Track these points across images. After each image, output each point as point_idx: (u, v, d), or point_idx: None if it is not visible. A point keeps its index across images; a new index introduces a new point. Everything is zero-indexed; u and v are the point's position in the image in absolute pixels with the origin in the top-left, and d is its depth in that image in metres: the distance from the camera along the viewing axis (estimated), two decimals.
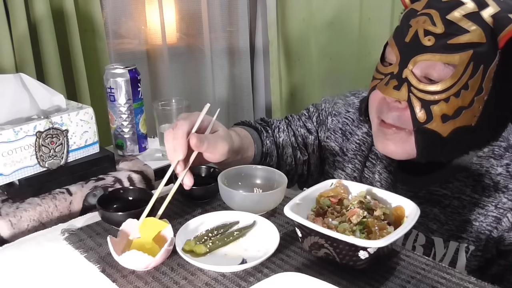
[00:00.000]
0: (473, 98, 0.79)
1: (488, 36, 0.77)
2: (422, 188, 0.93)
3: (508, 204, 0.84)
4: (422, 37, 0.79)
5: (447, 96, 0.79)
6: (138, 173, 1.04)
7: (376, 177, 1.01)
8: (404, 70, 0.81)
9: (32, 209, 0.90)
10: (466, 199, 0.88)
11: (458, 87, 0.78)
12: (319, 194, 0.80)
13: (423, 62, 0.80)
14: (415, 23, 0.81)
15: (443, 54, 0.78)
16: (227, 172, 0.93)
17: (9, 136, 0.88)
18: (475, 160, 0.88)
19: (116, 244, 0.74)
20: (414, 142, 0.84)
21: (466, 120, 0.80)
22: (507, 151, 0.87)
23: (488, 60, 0.78)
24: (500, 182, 0.86)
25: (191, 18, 1.94)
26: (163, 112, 1.13)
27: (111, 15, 1.75)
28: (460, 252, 0.89)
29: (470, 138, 0.83)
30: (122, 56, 1.81)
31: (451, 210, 0.90)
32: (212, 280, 0.70)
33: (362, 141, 1.05)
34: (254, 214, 0.83)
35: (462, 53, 0.77)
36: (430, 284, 0.69)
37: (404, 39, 0.82)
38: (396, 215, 0.75)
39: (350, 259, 0.69)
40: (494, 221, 0.85)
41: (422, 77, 0.81)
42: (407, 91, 0.81)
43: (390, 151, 0.88)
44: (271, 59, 2.08)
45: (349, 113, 1.08)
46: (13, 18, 1.40)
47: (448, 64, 0.78)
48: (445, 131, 0.81)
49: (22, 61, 1.43)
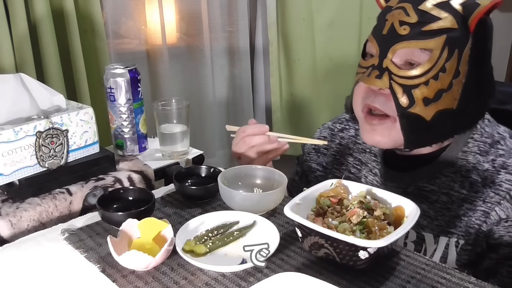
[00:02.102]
0: (451, 81, 0.83)
1: (459, 22, 0.83)
2: (410, 184, 0.95)
3: (495, 198, 0.87)
4: (398, 28, 0.85)
5: (426, 79, 0.83)
6: (138, 173, 1.04)
7: (363, 181, 1.04)
8: (384, 60, 0.86)
9: (32, 209, 0.90)
10: (455, 194, 0.91)
11: (436, 70, 0.83)
12: (319, 194, 0.80)
13: (401, 50, 0.85)
14: (391, 16, 0.87)
15: (418, 40, 0.83)
16: (227, 172, 0.93)
17: (9, 136, 0.88)
18: (461, 155, 0.91)
19: (116, 244, 0.74)
20: (400, 129, 0.87)
21: (447, 103, 0.84)
22: (492, 147, 0.90)
23: (461, 44, 0.83)
24: (487, 177, 0.88)
25: (191, 18, 1.94)
26: (163, 112, 1.13)
27: (111, 15, 1.75)
28: (450, 247, 0.90)
29: (453, 122, 0.87)
30: (122, 56, 1.81)
31: (440, 206, 0.92)
32: (212, 280, 0.70)
33: (339, 152, 1.11)
34: (254, 214, 0.83)
35: (436, 38, 0.82)
36: (430, 284, 0.69)
37: (381, 32, 0.88)
38: (396, 215, 0.75)
39: (350, 259, 0.69)
40: (482, 215, 0.87)
41: (401, 65, 0.86)
42: (388, 79, 0.85)
43: (377, 140, 0.91)
44: (271, 59, 2.08)
45: (321, 134, 1.15)
46: (13, 18, 1.40)
47: (424, 49, 0.83)
48: (428, 115, 0.84)
49: (22, 61, 1.43)
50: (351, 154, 1.08)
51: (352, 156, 1.08)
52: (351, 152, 1.08)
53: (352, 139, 1.09)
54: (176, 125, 1.14)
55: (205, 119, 2.03)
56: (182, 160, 1.16)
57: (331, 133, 1.13)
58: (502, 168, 0.87)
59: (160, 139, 1.16)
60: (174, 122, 1.13)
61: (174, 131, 1.14)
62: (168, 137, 1.14)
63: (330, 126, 1.15)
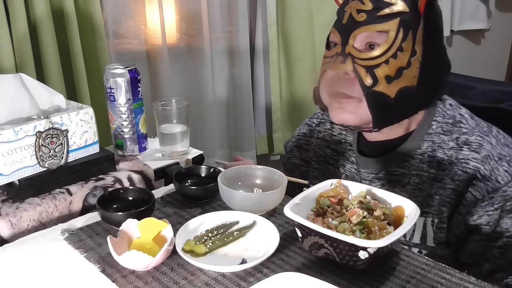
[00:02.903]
0: (409, 59, 0.90)
1: (410, 6, 0.91)
2: (381, 169, 1.01)
3: (463, 176, 0.91)
4: (356, 16, 0.92)
5: (386, 58, 0.90)
6: (138, 173, 1.04)
7: (341, 170, 1.10)
8: (346, 47, 0.93)
9: (32, 209, 0.90)
10: (424, 174, 0.96)
11: (394, 49, 0.90)
12: (319, 194, 0.80)
13: (360, 35, 0.92)
14: (348, 7, 0.94)
15: (375, 24, 0.91)
16: (227, 172, 0.94)
17: (9, 136, 0.88)
18: (426, 137, 0.97)
19: (116, 244, 0.74)
20: (368, 108, 0.92)
21: (408, 80, 0.91)
22: (454, 126, 0.96)
23: (414, 25, 0.91)
24: (453, 155, 0.94)
25: (191, 18, 1.94)
26: (163, 112, 1.13)
27: (111, 15, 1.74)
28: (428, 227, 0.95)
29: (416, 97, 0.93)
30: (122, 56, 1.80)
31: (412, 188, 0.97)
32: (212, 280, 0.70)
33: (318, 145, 1.16)
34: (254, 214, 0.83)
35: (390, 21, 0.90)
36: (430, 284, 0.69)
37: (342, 22, 0.95)
38: (396, 215, 0.75)
39: (350, 259, 0.69)
40: (452, 193, 0.92)
41: (363, 49, 0.92)
42: (352, 63, 0.91)
43: (344, 118, 0.95)
44: (271, 59, 2.08)
45: (300, 131, 1.22)
46: (13, 18, 1.40)
47: (381, 31, 0.91)
48: (392, 92, 0.91)
49: (22, 61, 1.43)
50: (329, 146, 1.14)
51: (330, 148, 1.14)
52: (328, 144, 1.14)
53: (328, 132, 1.15)
54: (176, 125, 1.14)
55: (205, 119, 2.03)
56: (182, 160, 1.16)
57: (310, 129, 1.20)
58: (465, 145, 0.93)
59: (160, 139, 1.16)
60: (174, 122, 1.13)
61: (174, 131, 1.14)
62: (168, 137, 1.14)
63: (307, 122, 1.21)
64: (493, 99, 1.24)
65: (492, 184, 0.88)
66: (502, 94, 1.24)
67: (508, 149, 0.93)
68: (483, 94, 1.26)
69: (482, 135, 0.93)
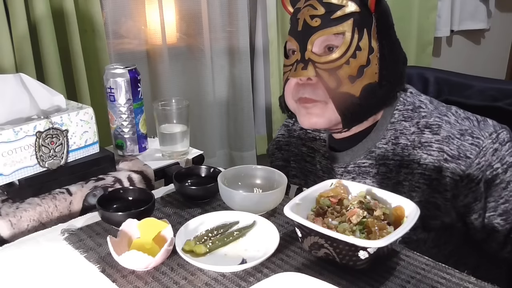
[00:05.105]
0: (368, 56, 0.93)
1: (361, 6, 0.93)
2: (349, 162, 1.03)
3: (429, 159, 0.93)
4: (310, 21, 0.94)
5: (346, 59, 0.92)
6: (138, 173, 1.04)
7: (318, 167, 1.11)
8: (305, 53, 0.94)
9: (32, 209, 0.90)
10: (390, 162, 0.98)
11: (352, 49, 0.92)
12: (319, 194, 0.80)
13: (318, 40, 0.94)
14: (301, 14, 0.96)
15: (331, 27, 0.93)
16: (227, 172, 0.94)
17: (9, 136, 0.88)
18: (389, 126, 0.99)
19: (116, 244, 0.74)
20: (335, 110, 0.94)
21: (369, 77, 0.93)
22: (414, 112, 0.98)
23: (367, 24, 0.93)
24: (415, 139, 0.96)
25: (191, 18, 1.94)
26: (163, 112, 1.13)
27: (111, 15, 1.74)
28: None
29: (379, 93, 0.95)
30: (122, 56, 1.80)
31: (381, 177, 0.99)
32: (212, 280, 0.70)
33: (294, 144, 1.18)
34: (254, 214, 0.83)
35: (344, 22, 0.92)
36: (430, 284, 0.69)
37: (297, 30, 0.96)
38: (396, 215, 0.75)
39: (350, 259, 0.69)
40: (420, 177, 0.94)
41: (322, 53, 0.94)
42: (313, 68, 0.93)
43: (314, 122, 0.97)
44: (271, 59, 2.08)
45: (279, 132, 1.23)
46: (13, 18, 1.40)
47: (337, 33, 0.93)
48: (356, 91, 0.93)
49: (22, 61, 1.43)
50: (304, 144, 1.16)
51: (305, 146, 1.15)
52: (304, 142, 1.16)
53: (303, 130, 1.16)
54: (176, 125, 1.14)
55: (205, 119, 2.03)
56: (182, 160, 1.16)
57: (287, 129, 1.22)
58: (425, 128, 0.95)
59: (160, 139, 1.16)
60: (174, 122, 1.13)
61: (174, 131, 1.14)
62: (168, 137, 1.14)
63: (285, 123, 1.23)
64: (489, 97, 1.24)
65: (463, 161, 0.90)
66: (499, 93, 1.24)
67: (469, 122, 0.95)
68: (481, 92, 1.26)
69: (441, 115, 0.96)
